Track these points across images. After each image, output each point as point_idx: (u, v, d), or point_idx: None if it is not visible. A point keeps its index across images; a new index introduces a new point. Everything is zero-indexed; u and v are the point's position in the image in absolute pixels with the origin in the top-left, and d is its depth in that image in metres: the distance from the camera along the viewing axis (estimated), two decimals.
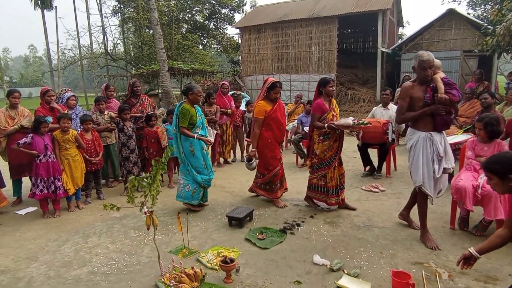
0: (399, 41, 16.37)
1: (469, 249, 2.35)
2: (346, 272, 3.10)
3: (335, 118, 4.51)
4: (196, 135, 4.61)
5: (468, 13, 17.23)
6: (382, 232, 3.93)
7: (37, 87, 45.68)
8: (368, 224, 4.18)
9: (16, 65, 73.43)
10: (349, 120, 4.31)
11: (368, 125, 4.43)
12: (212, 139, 4.88)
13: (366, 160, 6.29)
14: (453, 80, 4.19)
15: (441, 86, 3.32)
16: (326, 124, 4.33)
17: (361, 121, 4.43)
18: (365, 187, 5.54)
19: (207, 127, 5.05)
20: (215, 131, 5.71)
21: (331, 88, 4.45)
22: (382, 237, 3.83)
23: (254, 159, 4.85)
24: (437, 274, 3.03)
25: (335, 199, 4.58)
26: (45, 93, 5.26)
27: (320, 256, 3.37)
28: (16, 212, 5.08)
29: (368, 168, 6.32)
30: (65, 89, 6.04)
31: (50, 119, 4.87)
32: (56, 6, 23.96)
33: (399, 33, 23.18)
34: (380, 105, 6.68)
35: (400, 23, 21.52)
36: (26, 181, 5.43)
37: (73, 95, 5.65)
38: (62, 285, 3.13)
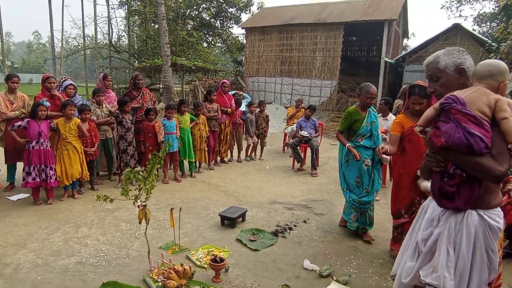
0: (403, 52, 16.44)
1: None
2: (335, 279, 3.09)
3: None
4: (348, 144, 3.86)
5: (473, 29, 17.31)
6: (374, 241, 3.93)
7: (39, 74, 45.58)
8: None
9: (18, 50, 73.16)
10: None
11: None
12: (357, 156, 3.79)
13: None
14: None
15: (426, 114, 1.92)
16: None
17: None
18: None
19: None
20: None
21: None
22: (374, 246, 3.82)
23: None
24: None
25: None
26: (46, 79, 5.24)
27: (310, 261, 3.36)
28: (8, 197, 5.04)
29: None
30: (65, 77, 6.02)
31: (47, 102, 4.84)
32: None
33: (403, 44, 23.27)
34: (380, 114, 6.67)
35: (405, 34, 21.59)
36: (19, 167, 5.39)
37: (72, 84, 5.60)
38: (49, 274, 3.11)
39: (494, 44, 8.76)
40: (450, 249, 1.77)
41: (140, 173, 2.90)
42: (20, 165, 5.38)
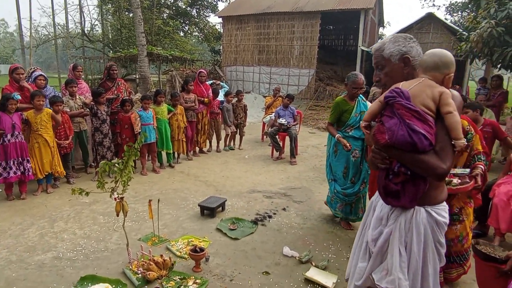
0: (379, 41, 16.64)
1: None
2: (314, 264, 3.16)
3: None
4: (338, 134, 3.79)
5: (445, 19, 17.73)
6: (352, 227, 4.02)
7: (7, 64, 43.52)
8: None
9: None
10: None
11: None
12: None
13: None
14: None
15: (371, 108, 1.83)
16: None
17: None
18: None
19: None
20: None
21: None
22: (352, 231, 3.92)
23: None
24: None
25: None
26: (13, 70, 5.03)
27: (289, 248, 3.41)
28: None
29: None
30: (34, 68, 5.79)
31: (17, 96, 4.68)
32: None
33: (379, 33, 23.56)
34: None
35: (381, 23, 21.85)
36: None
37: (41, 75, 5.39)
38: (24, 270, 3.04)
39: (464, 33, 8.99)
40: (402, 249, 1.73)
41: (116, 165, 2.85)
42: None
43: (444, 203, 1.79)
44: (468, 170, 2.62)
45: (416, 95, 1.65)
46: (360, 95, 3.88)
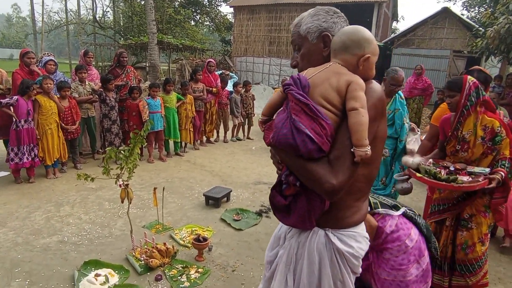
0: (392, 35, 16.39)
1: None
2: None
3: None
4: None
5: (462, 14, 17.34)
6: None
7: (19, 49, 43.81)
8: None
9: None
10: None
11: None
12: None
13: None
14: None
15: (271, 99, 1.43)
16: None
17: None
18: None
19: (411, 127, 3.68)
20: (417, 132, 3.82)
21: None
22: None
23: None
24: None
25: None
26: (24, 54, 5.06)
27: None
28: None
29: None
30: (46, 53, 5.83)
31: (38, 81, 4.72)
32: None
33: (392, 27, 23.21)
34: None
35: (394, 17, 21.49)
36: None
37: (52, 60, 5.41)
38: (30, 252, 3.07)
39: (481, 29, 8.78)
40: (289, 278, 1.39)
41: (122, 151, 2.85)
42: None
43: (359, 228, 1.38)
44: (488, 169, 2.44)
45: (317, 84, 1.24)
46: (399, 92, 3.56)
